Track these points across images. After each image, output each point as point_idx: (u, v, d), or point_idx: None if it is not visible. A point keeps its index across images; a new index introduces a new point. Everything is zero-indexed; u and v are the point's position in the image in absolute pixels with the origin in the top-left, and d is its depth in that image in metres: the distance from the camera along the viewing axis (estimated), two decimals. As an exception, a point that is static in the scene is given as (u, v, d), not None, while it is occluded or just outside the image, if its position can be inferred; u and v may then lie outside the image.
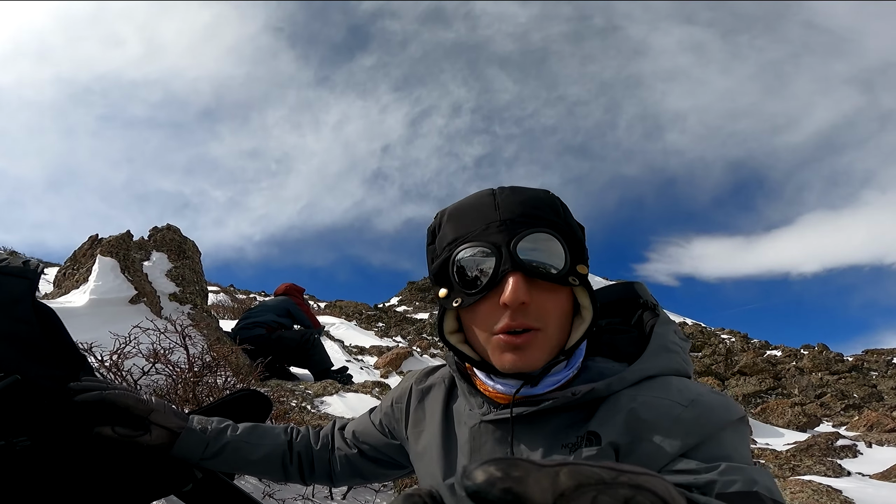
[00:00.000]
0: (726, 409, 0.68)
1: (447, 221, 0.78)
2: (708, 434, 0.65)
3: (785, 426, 5.63)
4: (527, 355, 0.70)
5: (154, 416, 0.94)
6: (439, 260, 0.76)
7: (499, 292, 0.70)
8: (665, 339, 0.79)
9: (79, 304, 3.81)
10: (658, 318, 0.82)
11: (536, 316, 0.70)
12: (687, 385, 0.72)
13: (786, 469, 3.43)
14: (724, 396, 0.71)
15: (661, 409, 0.67)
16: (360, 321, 11.14)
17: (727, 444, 0.65)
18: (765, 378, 8.75)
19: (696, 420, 0.65)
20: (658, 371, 0.74)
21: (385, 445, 1.01)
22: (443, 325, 0.78)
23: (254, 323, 5.06)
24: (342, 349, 7.27)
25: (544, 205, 0.75)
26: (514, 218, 0.73)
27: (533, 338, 0.70)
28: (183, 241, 5.01)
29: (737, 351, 11.39)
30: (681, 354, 0.79)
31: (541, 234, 0.71)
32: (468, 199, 0.78)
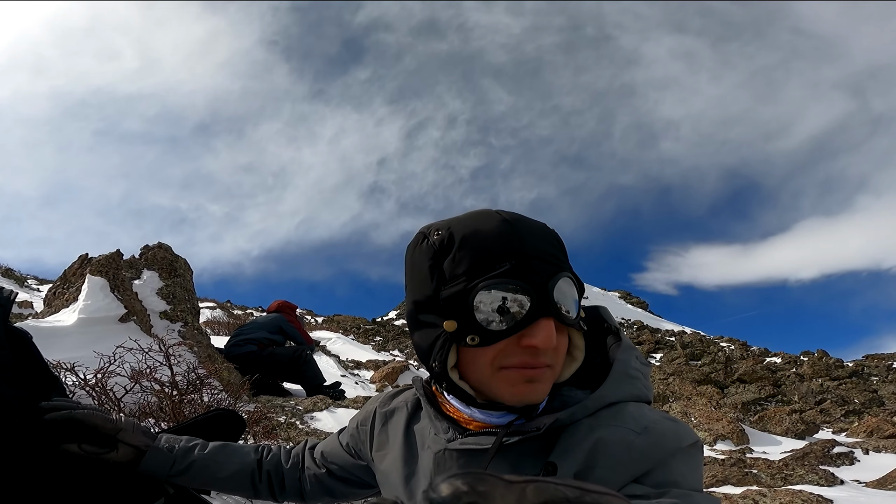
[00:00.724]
0: (677, 436, 0.69)
1: (462, 247, 0.70)
2: (658, 461, 0.66)
3: (783, 434, 5.58)
4: (539, 388, 0.70)
5: (122, 434, 0.96)
6: (453, 290, 0.70)
7: (524, 333, 0.68)
8: (627, 365, 0.79)
9: (68, 324, 3.81)
10: (621, 343, 0.82)
11: (552, 356, 0.71)
12: (642, 412, 0.72)
13: (777, 479, 3.40)
14: (677, 423, 0.72)
15: (616, 436, 0.68)
16: (358, 335, 11.11)
17: (676, 471, 0.66)
18: (764, 385, 8.69)
19: (647, 447, 0.67)
20: (618, 398, 0.75)
21: (353, 466, 1.01)
22: (447, 362, 0.72)
23: (245, 340, 5.06)
24: (338, 364, 7.24)
25: (557, 242, 0.75)
26: (542, 257, 0.70)
27: (545, 372, 0.71)
28: (174, 259, 5.03)
29: (736, 359, 11.32)
30: (641, 380, 0.79)
31: (566, 278, 0.70)
32: (479, 222, 0.72)
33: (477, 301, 0.68)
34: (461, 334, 0.69)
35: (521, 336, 0.68)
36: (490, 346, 0.69)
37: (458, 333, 0.70)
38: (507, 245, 0.69)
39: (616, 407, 0.73)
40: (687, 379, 8.92)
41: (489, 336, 0.68)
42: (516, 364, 0.69)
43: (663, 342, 14.41)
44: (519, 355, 0.69)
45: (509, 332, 0.67)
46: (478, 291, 0.68)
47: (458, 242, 0.71)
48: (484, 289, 0.67)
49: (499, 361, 0.70)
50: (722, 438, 5.08)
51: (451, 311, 0.70)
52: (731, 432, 5.12)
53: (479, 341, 0.68)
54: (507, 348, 0.69)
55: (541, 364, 0.69)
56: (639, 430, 0.68)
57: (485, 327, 0.68)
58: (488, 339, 0.68)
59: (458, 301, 0.69)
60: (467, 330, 0.69)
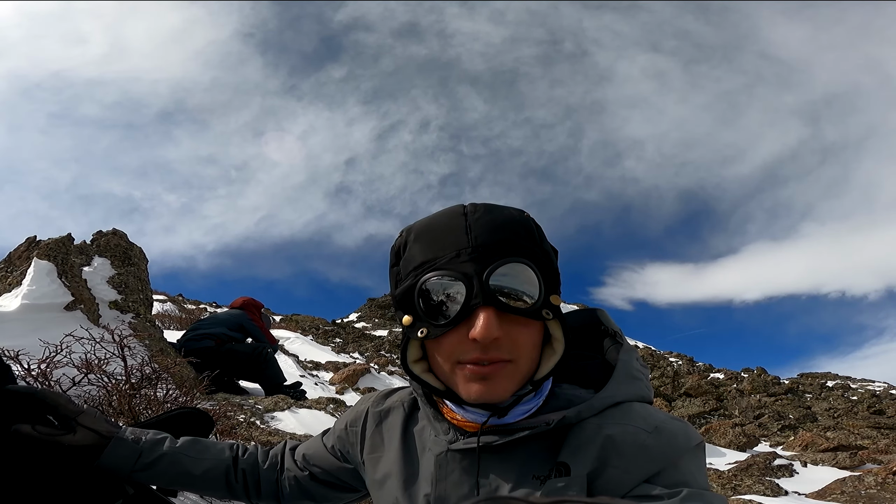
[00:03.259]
0: (686, 436, 0.69)
1: (414, 242, 0.72)
2: (670, 461, 0.66)
3: (727, 446, 5.86)
4: (494, 386, 0.68)
5: (82, 418, 0.89)
6: (404, 285, 0.71)
7: (468, 324, 0.66)
8: (630, 366, 0.79)
9: (10, 309, 3.53)
10: (622, 345, 0.83)
11: (508, 349, 0.68)
12: (650, 411, 0.73)
13: (728, 488, 3.56)
14: (684, 423, 0.73)
15: (627, 435, 0.68)
16: (317, 336, 10.85)
17: (686, 471, 0.66)
18: (708, 399, 9.12)
19: (659, 447, 0.67)
20: (624, 398, 0.75)
21: (338, 469, 0.97)
22: (406, 354, 0.73)
23: (203, 335, 4.83)
24: (297, 364, 7.04)
25: (519, 228, 0.72)
26: (488, 244, 0.68)
27: (502, 368, 0.68)
28: (129, 247, 4.76)
29: (683, 373, 11.83)
30: (644, 381, 0.80)
31: (515, 265, 0.67)
32: (438, 216, 0.73)
33: (420, 294, 0.69)
34: (414, 328, 0.71)
35: (468, 329, 0.66)
36: (439, 338, 0.69)
37: (411, 327, 0.71)
38: (453, 237, 0.70)
39: (623, 406, 0.73)
40: (639, 391, 9.23)
41: (434, 328, 0.69)
42: (471, 360, 0.67)
43: (616, 355, 14.86)
44: (471, 350, 0.67)
45: (451, 323, 0.67)
46: (421, 285, 0.69)
47: (412, 240, 0.73)
48: (426, 282, 0.69)
49: (455, 356, 0.69)
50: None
51: (406, 307, 0.72)
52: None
53: (426, 334, 0.69)
54: (460, 343, 0.68)
55: (492, 358, 0.67)
56: (649, 430, 0.68)
57: (430, 320, 0.69)
58: (434, 331, 0.69)
59: (409, 296, 0.71)
60: (418, 324, 0.70)
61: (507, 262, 0.67)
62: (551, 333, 0.73)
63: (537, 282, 0.69)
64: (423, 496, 0.78)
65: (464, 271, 0.67)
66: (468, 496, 0.73)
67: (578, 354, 0.83)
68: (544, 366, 0.72)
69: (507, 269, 0.67)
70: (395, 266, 0.75)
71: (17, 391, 0.88)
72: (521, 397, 0.71)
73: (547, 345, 0.73)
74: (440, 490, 0.76)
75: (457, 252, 0.68)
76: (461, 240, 0.69)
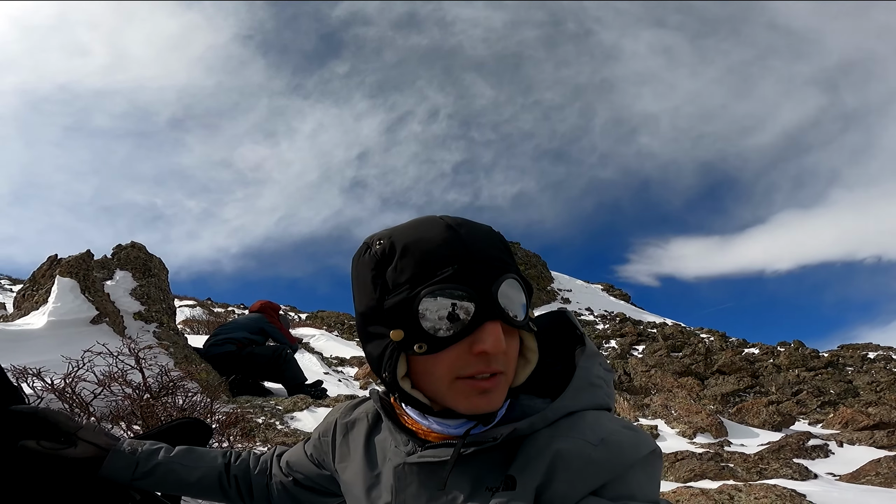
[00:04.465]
0: (635, 447, 0.68)
1: (402, 254, 0.70)
2: (616, 473, 0.66)
3: (760, 426, 5.68)
4: (493, 398, 0.69)
5: (82, 432, 0.96)
6: (396, 299, 0.69)
7: (472, 339, 0.67)
8: (590, 373, 0.79)
9: (37, 326, 3.70)
10: (585, 349, 0.82)
11: (503, 361, 0.69)
12: (601, 422, 0.72)
13: (752, 473, 3.45)
14: (636, 432, 0.71)
15: (574, 448, 0.67)
16: (342, 332, 11.03)
17: (634, 483, 0.66)
18: (743, 376, 8.86)
19: (605, 460, 0.66)
20: (579, 407, 0.74)
21: (317, 475, 1.01)
22: (396, 371, 0.71)
23: (225, 339, 4.97)
24: (321, 361, 7.18)
25: (503, 245, 0.74)
26: (486, 260, 0.69)
27: (499, 380, 0.69)
28: (148, 258, 4.91)
29: (715, 350, 11.52)
30: (604, 388, 0.79)
31: (512, 280, 0.69)
32: (419, 228, 0.72)
33: (422, 308, 0.67)
34: (408, 343, 0.69)
35: (471, 343, 0.67)
36: (439, 353, 0.68)
37: (405, 342, 0.69)
38: (450, 250, 0.68)
39: (575, 416, 0.73)
40: (668, 371, 9.05)
41: (436, 343, 0.67)
42: (471, 373, 0.67)
43: (645, 334, 14.59)
44: (473, 364, 0.67)
45: (456, 337, 0.66)
46: (421, 298, 0.67)
47: (400, 251, 0.70)
48: (428, 296, 0.66)
49: (455, 371, 0.68)
50: (701, 431, 5.15)
51: (396, 321, 0.69)
52: (710, 425, 5.20)
53: (426, 349, 0.68)
54: (460, 357, 0.67)
55: (494, 370, 0.68)
56: (595, 442, 0.67)
57: (432, 335, 0.67)
58: (435, 346, 0.67)
59: (403, 309, 0.68)
60: (414, 338, 0.68)
61: (508, 277, 0.69)
62: (526, 344, 0.73)
63: (524, 296, 0.71)
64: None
65: (473, 285, 0.67)
66: None
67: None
68: (519, 376, 0.73)
69: (506, 284, 0.68)
70: (378, 277, 0.71)
71: (21, 411, 0.95)
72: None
73: (520, 356, 0.74)
74: (399, 500, 0.77)
75: (457, 266, 0.67)
76: (458, 254, 0.68)
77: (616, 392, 3.86)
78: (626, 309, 20.44)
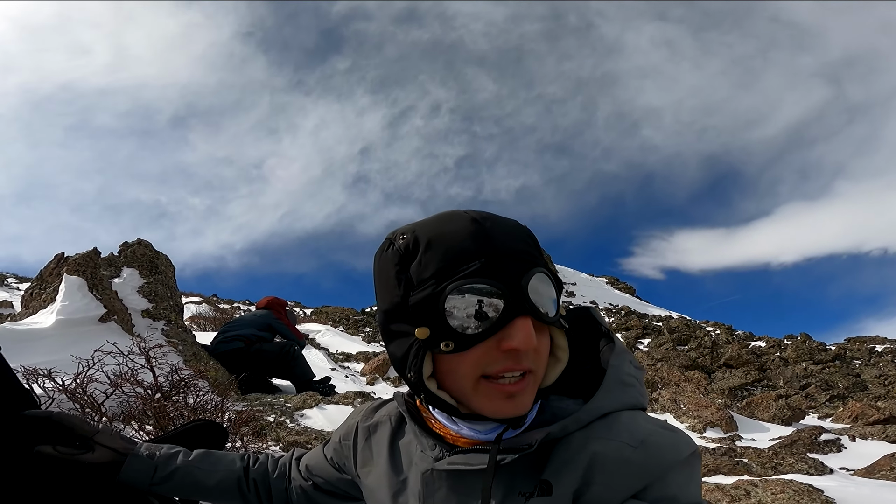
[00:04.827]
0: (675, 449, 0.66)
1: (427, 248, 0.67)
2: (657, 475, 0.63)
3: (770, 420, 5.66)
4: (521, 401, 0.66)
5: (99, 436, 0.94)
6: (421, 295, 0.66)
7: (501, 335, 0.64)
8: (621, 371, 0.76)
9: (45, 325, 3.68)
10: (614, 347, 0.79)
11: (534, 359, 0.66)
12: (638, 423, 0.69)
13: (767, 468, 3.43)
14: (674, 433, 0.69)
15: (611, 451, 0.65)
16: (347, 327, 11.04)
17: (675, 484, 0.63)
18: (750, 370, 8.83)
19: (644, 462, 0.64)
20: (613, 408, 0.71)
21: (337, 479, 0.99)
22: (422, 371, 0.67)
23: (232, 336, 4.96)
24: (328, 357, 7.18)
25: (530, 239, 0.71)
26: (513, 255, 0.66)
27: (527, 383, 0.66)
28: (155, 255, 4.89)
29: (722, 343, 11.49)
30: (637, 387, 0.76)
31: (541, 274, 0.66)
32: (444, 222, 0.69)
33: (448, 305, 0.64)
34: (434, 341, 0.65)
35: (499, 339, 0.64)
36: (466, 351, 0.65)
37: (431, 340, 0.66)
38: (476, 244, 0.65)
39: (610, 417, 0.70)
40: (675, 364, 9.03)
41: (464, 341, 0.64)
42: (499, 371, 0.64)
43: (651, 327, 14.57)
44: (501, 361, 0.64)
45: (485, 334, 0.63)
46: (448, 295, 0.64)
47: (424, 245, 0.67)
48: (454, 291, 0.64)
49: (481, 369, 0.65)
50: (711, 426, 5.13)
51: (421, 318, 0.66)
52: (719, 419, 5.17)
53: (453, 347, 0.64)
54: (487, 354, 0.64)
55: (523, 368, 0.65)
56: (635, 444, 0.65)
57: (459, 332, 0.64)
58: (463, 343, 0.64)
59: (429, 306, 0.65)
60: (441, 336, 0.65)
61: (538, 271, 0.66)
62: (556, 342, 0.71)
63: (554, 291, 0.68)
64: None
65: (502, 280, 0.64)
66: None
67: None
68: (549, 375, 0.70)
69: (537, 279, 0.66)
70: (403, 272, 0.68)
71: (35, 416, 0.93)
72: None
73: (551, 354, 0.71)
74: None
75: (484, 260, 0.65)
76: (486, 248, 0.66)
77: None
78: (631, 302, 20.41)
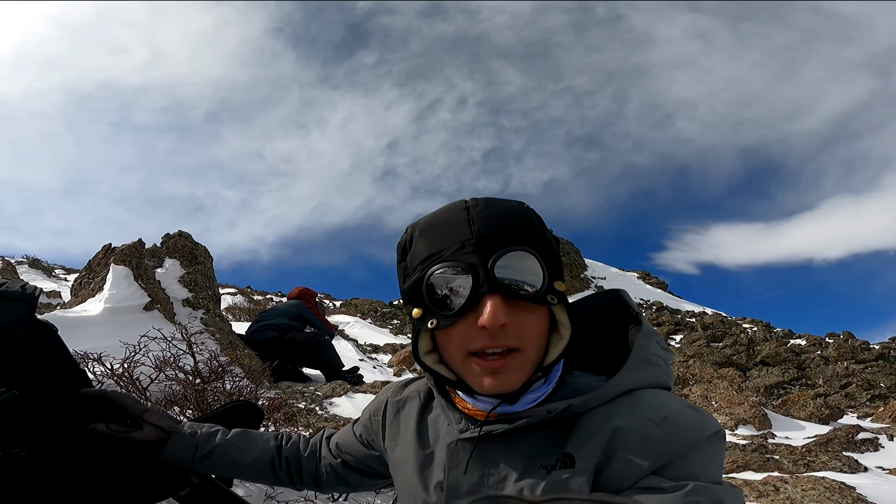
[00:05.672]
0: (699, 428, 0.67)
1: (419, 237, 0.75)
2: (677, 453, 0.65)
3: (807, 419, 5.48)
4: (505, 378, 0.70)
5: (147, 415, 1.02)
6: (412, 279, 0.74)
7: (476, 313, 0.68)
8: (647, 350, 0.78)
9: (94, 313, 3.93)
10: (641, 328, 0.81)
11: (515, 336, 0.69)
12: (662, 400, 0.71)
13: (800, 465, 3.35)
14: (699, 412, 0.70)
15: (633, 426, 0.67)
16: (376, 319, 11.23)
17: (695, 464, 0.65)
18: (788, 368, 8.53)
19: (666, 439, 0.66)
20: (636, 385, 0.74)
21: (367, 457, 1.03)
22: (418, 346, 0.76)
23: (266, 326, 5.15)
24: (356, 348, 7.34)
25: (521, 219, 0.74)
26: (491, 235, 0.70)
27: (511, 360, 0.69)
28: (195, 246, 5.12)
29: (759, 341, 11.11)
30: (662, 367, 0.78)
31: (519, 252, 0.70)
32: (440, 212, 0.76)
33: (428, 286, 0.71)
34: (424, 320, 0.73)
35: (476, 317, 0.68)
36: (451, 328, 0.71)
37: (422, 320, 0.74)
38: (458, 230, 0.72)
39: (634, 394, 0.72)
40: (708, 361, 8.81)
41: (444, 319, 0.71)
42: (479, 348, 0.69)
43: (683, 323, 14.22)
44: (479, 338, 0.69)
45: (458, 313, 0.69)
46: (428, 277, 0.71)
47: (418, 235, 0.76)
48: (433, 274, 0.71)
49: (465, 346, 0.71)
50: (743, 423, 5.01)
51: (415, 300, 0.74)
52: (752, 417, 5.05)
53: (436, 325, 0.72)
54: (468, 332, 0.70)
55: (500, 345, 0.69)
56: (657, 420, 0.67)
57: (439, 311, 0.71)
58: (443, 321, 0.71)
59: (417, 289, 0.73)
60: (428, 315, 0.73)
61: (510, 250, 0.69)
62: (558, 319, 0.74)
63: (540, 269, 0.71)
64: (436, 483, 0.82)
65: (469, 261, 0.69)
66: (478, 484, 0.76)
67: (593, 340, 0.82)
68: (552, 352, 0.73)
69: (510, 258, 0.69)
70: (403, 262, 0.78)
71: (91, 394, 1.01)
72: (530, 384, 0.72)
73: (554, 331, 0.74)
74: (452, 478, 0.79)
75: (461, 244, 0.71)
76: (464, 232, 0.71)
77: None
78: (663, 297, 19.94)
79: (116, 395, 1.02)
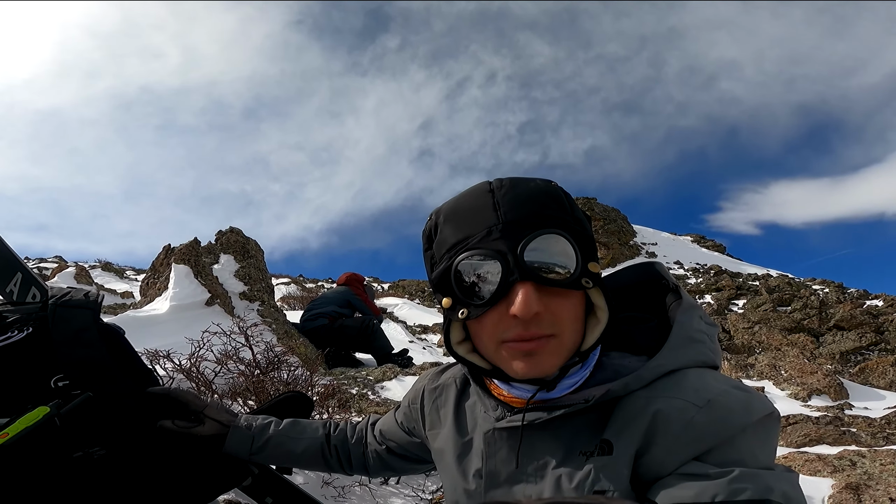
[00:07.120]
0: (746, 411, 0.62)
1: (444, 224, 0.72)
2: (723, 438, 0.61)
3: (887, 387, 5.09)
4: (540, 361, 0.67)
5: (208, 410, 1.07)
6: (440, 268, 0.71)
7: (507, 301, 0.65)
8: (689, 327, 0.73)
9: (162, 312, 4.20)
10: (682, 302, 0.76)
11: (550, 323, 0.66)
12: (706, 381, 0.66)
13: (879, 438, 3.11)
14: (749, 393, 0.65)
15: (674, 411, 0.63)
16: (423, 299, 11.38)
17: (743, 449, 0.60)
18: (865, 332, 7.93)
19: (709, 424, 0.61)
20: (679, 365, 0.69)
21: (409, 443, 1.04)
22: (450, 336, 0.74)
23: (317, 314, 5.33)
24: (405, 330, 7.48)
25: (548, 199, 0.69)
26: (518, 219, 0.67)
27: (546, 343, 0.66)
28: (246, 241, 5.33)
29: (831, 303, 10.36)
30: (707, 344, 0.73)
31: (548, 235, 0.66)
32: (464, 196, 0.73)
33: (456, 275, 0.68)
34: (455, 309, 0.70)
35: (508, 306, 0.65)
36: (483, 317, 0.68)
37: (452, 310, 0.71)
38: (483, 215, 0.69)
39: (676, 375, 0.68)
40: (775, 327, 8.34)
41: (474, 309, 0.68)
42: (512, 337, 0.66)
43: (746, 287, 13.47)
44: (512, 327, 0.66)
45: (489, 303, 0.66)
46: (456, 266, 0.68)
47: (442, 222, 0.72)
48: (460, 262, 0.68)
49: (498, 335, 0.68)
50: (817, 393, 4.73)
51: (444, 289, 0.71)
52: (827, 386, 4.75)
53: (467, 314, 0.69)
54: (501, 321, 0.67)
55: (533, 334, 0.65)
56: (700, 404, 0.62)
57: (469, 301, 0.68)
58: (474, 311, 0.68)
59: (446, 278, 0.70)
60: (458, 305, 0.70)
61: (540, 234, 0.66)
62: (594, 302, 0.70)
63: (573, 251, 0.67)
64: (474, 471, 0.81)
65: (497, 248, 0.66)
66: (517, 472, 0.74)
67: (631, 318, 0.78)
68: (589, 336, 0.69)
69: (540, 241, 0.66)
70: (429, 250, 0.75)
71: (157, 393, 1.08)
72: (567, 369, 0.69)
73: (590, 314, 0.70)
74: (490, 466, 0.78)
75: (488, 230, 0.67)
76: (490, 217, 0.68)
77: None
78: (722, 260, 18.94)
79: (179, 393, 1.08)
